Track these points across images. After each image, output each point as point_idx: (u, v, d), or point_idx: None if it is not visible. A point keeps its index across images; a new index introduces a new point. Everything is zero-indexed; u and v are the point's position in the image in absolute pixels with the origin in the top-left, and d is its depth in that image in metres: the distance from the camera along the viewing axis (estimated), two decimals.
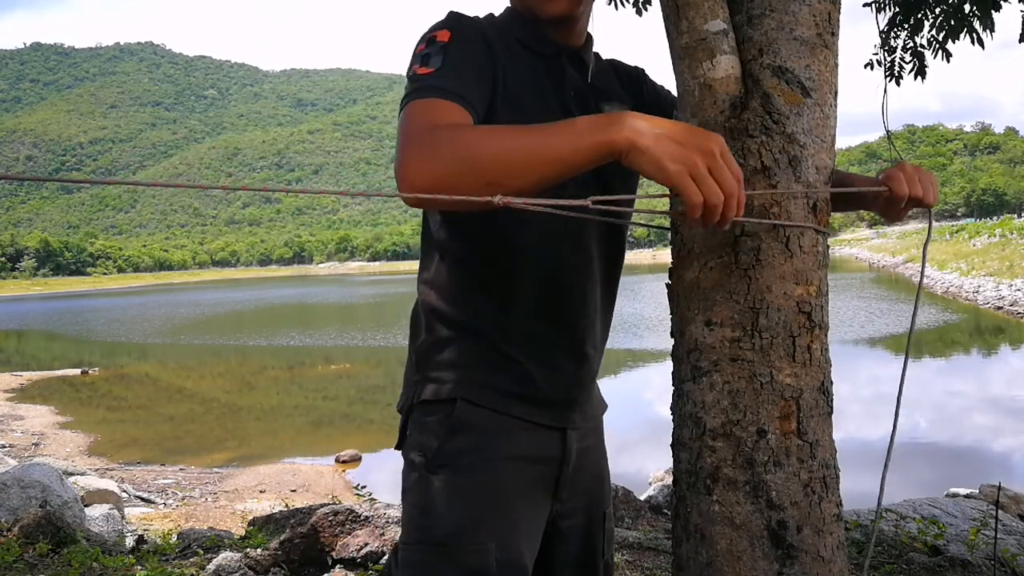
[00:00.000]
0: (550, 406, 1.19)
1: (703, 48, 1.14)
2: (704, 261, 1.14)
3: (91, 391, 17.40)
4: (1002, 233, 33.62)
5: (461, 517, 1.09)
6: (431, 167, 0.91)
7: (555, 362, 1.19)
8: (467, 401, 1.13)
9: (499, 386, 1.15)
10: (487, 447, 1.12)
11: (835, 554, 1.13)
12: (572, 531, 1.25)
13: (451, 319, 1.17)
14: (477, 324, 1.16)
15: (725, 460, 1.11)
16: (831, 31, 1.19)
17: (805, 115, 1.14)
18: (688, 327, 1.17)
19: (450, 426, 1.12)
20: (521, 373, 1.16)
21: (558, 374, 1.20)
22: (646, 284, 33.23)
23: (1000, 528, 3.49)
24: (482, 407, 1.13)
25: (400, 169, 0.93)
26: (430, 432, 1.13)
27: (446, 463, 1.11)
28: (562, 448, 1.20)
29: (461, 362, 1.15)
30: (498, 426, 1.13)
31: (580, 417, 1.24)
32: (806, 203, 1.13)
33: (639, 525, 4.37)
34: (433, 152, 0.92)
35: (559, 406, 1.20)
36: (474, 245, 1.18)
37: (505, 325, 1.16)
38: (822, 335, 1.15)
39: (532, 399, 1.16)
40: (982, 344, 16.56)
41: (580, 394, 1.24)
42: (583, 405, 1.25)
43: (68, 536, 3.95)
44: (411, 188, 0.91)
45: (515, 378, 1.16)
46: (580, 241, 1.21)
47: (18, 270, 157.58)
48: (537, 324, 1.18)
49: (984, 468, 7.60)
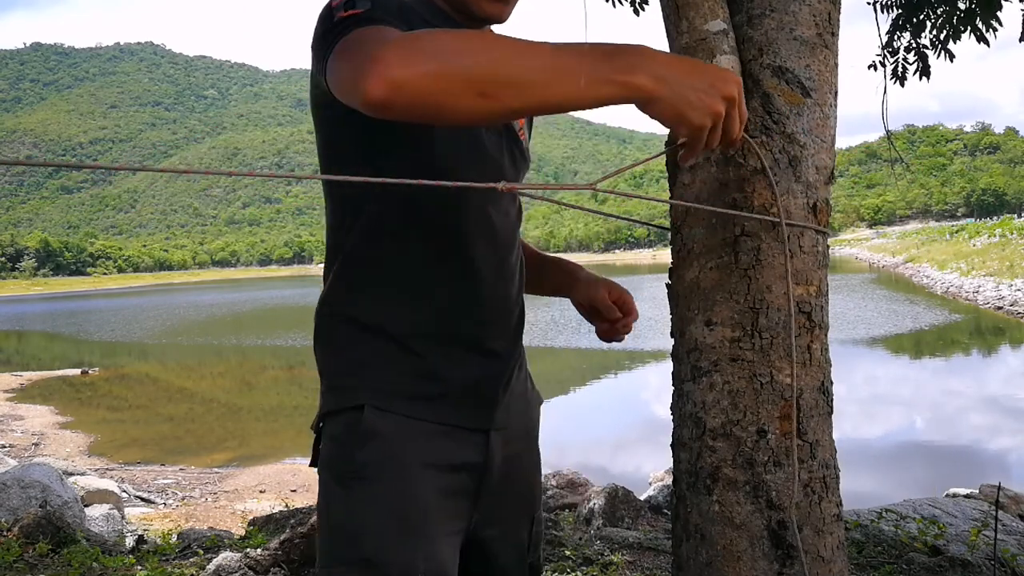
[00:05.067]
0: (467, 406, 1.07)
1: (703, 48, 1.14)
2: (704, 261, 1.14)
3: (91, 391, 17.40)
4: (1002, 233, 33.62)
5: (383, 531, 0.99)
6: (414, 61, 0.78)
7: (468, 358, 1.08)
8: (375, 407, 1.01)
9: (408, 388, 1.04)
10: (401, 455, 1.01)
11: (835, 554, 1.13)
12: (494, 541, 1.15)
13: (352, 318, 1.06)
14: (381, 321, 1.05)
15: (725, 460, 1.11)
16: (831, 31, 1.19)
17: (805, 115, 1.14)
18: (688, 327, 1.17)
19: (360, 435, 1.01)
20: (431, 372, 1.05)
21: (472, 370, 1.08)
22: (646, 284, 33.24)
23: (1000, 528, 3.49)
24: (391, 412, 1.02)
25: (370, 65, 0.79)
26: (339, 444, 1.03)
27: (359, 475, 1.00)
28: (484, 453, 1.08)
29: (365, 365, 1.04)
30: (410, 432, 1.02)
31: (504, 416, 1.12)
32: (806, 203, 1.13)
33: (639, 525, 4.37)
34: (416, 49, 0.79)
35: (477, 405, 1.09)
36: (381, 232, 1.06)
37: (412, 320, 1.05)
38: (822, 335, 1.15)
39: (445, 400, 1.05)
40: (982, 344, 16.56)
41: (500, 391, 1.12)
42: (507, 403, 1.13)
43: (68, 536, 3.94)
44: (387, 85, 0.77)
45: (426, 378, 1.05)
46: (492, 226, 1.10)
47: (18, 270, 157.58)
48: (447, 318, 1.07)
49: (984, 468, 7.60)
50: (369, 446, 1.00)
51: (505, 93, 0.80)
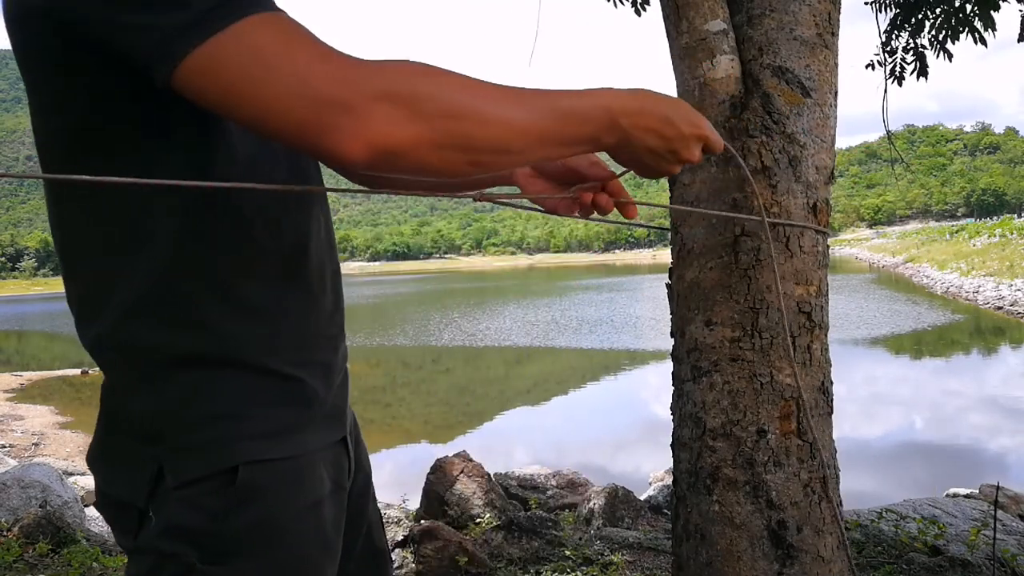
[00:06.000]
0: (334, 416, 0.92)
1: (703, 48, 1.14)
2: (704, 261, 1.14)
3: (91, 391, 17.38)
4: (1002, 233, 33.62)
5: None
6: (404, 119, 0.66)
7: (327, 361, 0.92)
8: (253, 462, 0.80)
9: (286, 421, 0.84)
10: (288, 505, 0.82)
11: (835, 554, 1.13)
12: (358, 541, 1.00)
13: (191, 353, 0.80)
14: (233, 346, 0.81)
15: (725, 460, 1.11)
16: (831, 31, 1.19)
17: (805, 115, 1.14)
18: (688, 327, 1.17)
19: (233, 499, 0.78)
20: (302, 390, 0.86)
21: (333, 374, 0.93)
22: (646, 284, 33.22)
23: (1000, 528, 3.49)
24: (273, 461, 0.81)
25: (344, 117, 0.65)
26: (200, 511, 0.78)
27: (233, 549, 0.79)
28: (347, 458, 0.94)
29: (227, 411, 0.80)
30: (296, 473, 0.83)
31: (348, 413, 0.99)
32: (806, 203, 1.13)
33: (639, 525, 4.37)
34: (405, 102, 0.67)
35: (340, 412, 0.94)
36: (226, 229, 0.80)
37: (271, 334, 0.84)
38: (822, 335, 1.15)
39: (320, 417, 0.88)
40: (982, 344, 16.55)
41: (346, 388, 0.99)
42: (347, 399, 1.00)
43: (68, 536, 3.94)
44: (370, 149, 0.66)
45: (299, 400, 0.86)
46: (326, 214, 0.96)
47: (18, 270, 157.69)
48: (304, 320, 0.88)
49: (984, 468, 7.60)
50: (249, 509, 0.79)
51: (494, 161, 0.74)
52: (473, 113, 0.70)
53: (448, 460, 4.45)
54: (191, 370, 0.80)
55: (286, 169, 0.86)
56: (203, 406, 0.80)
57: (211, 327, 0.80)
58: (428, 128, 0.67)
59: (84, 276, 0.81)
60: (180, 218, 0.77)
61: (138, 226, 0.77)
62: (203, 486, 0.79)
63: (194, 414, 0.80)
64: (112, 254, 0.78)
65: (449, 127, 0.69)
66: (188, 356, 0.80)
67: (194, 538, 0.78)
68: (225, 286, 0.81)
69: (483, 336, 19.75)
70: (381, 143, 0.66)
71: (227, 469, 0.79)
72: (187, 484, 0.78)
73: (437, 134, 0.68)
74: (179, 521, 0.78)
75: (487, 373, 15.95)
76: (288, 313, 0.86)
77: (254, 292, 0.83)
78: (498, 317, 25.01)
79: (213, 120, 0.76)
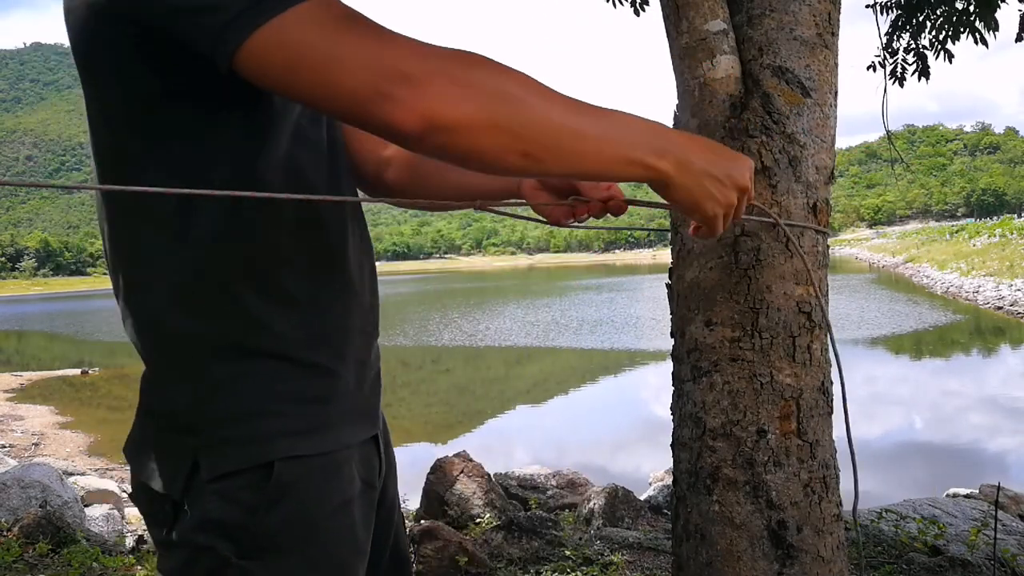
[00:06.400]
0: (366, 412, 0.93)
1: (703, 48, 1.14)
2: (704, 261, 1.14)
3: (91, 391, 17.39)
4: (1002, 233, 33.62)
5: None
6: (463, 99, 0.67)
7: (362, 357, 0.92)
8: (288, 458, 0.80)
9: (321, 417, 0.84)
10: (322, 502, 0.83)
11: (835, 554, 1.13)
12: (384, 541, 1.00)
13: (231, 343, 0.81)
14: (272, 337, 0.82)
15: (725, 460, 1.11)
16: (831, 31, 1.19)
17: (805, 115, 1.14)
18: (688, 327, 1.17)
19: (269, 494, 0.79)
20: (337, 385, 0.86)
21: (367, 370, 0.93)
22: (646, 284, 33.21)
23: (1000, 528, 3.49)
24: (309, 457, 0.82)
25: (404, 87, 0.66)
26: (236, 505, 0.78)
27: (268, 545, 0.79)
28: (378, 458, 0.94)
29: (263, 405, 0.81)
30: (330, 469, 0.84)
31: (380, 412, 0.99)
32: (806, 203, 1.14)
33: (639, 525, 4.37)
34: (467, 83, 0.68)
35: (373, 409, 0.95)
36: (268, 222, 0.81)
37: (310, 326, 0.84)
38: (822, 335, 1.15)
39: (354, 413, 0.89)
40: (982, 344, 16.55)
41: (379, 386, 0.98)
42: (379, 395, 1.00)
43: (68, 536, 3.94)
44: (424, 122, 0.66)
45: (334, 395, 0.86)
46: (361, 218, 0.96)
47: (18, 270, 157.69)
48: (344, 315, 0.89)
49: (984, 468, 7.60)
50: (283, 505, 0.80)
51: (547, 158, 0.73)
52: (530, 104, 0.71)
53: (448, 460, 4.45)
54: (230, 361, 0.81)
55: (327, 175, 0.87)
56: (240, 399, 0.81)
57: (252, 317, 0.81)
58: (484, 109, 0.68)
59: (130, 268, 0.83)
60: (223, 210, 0.78)
61: (183, 217, 0.78)
62: (238, 480, 0.79)
63: (231, 407, 0.81)
64: (157, 244, 0.80)
65: (505, 111, 0.69)
66: (228, 346, 0.81)
67: (230, 532, 0.78)
68: (265, 277, 0.82)
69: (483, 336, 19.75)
70: (436, 117, 0.66)
71: (263, 464, 0.79)
72: (222, 477, 0.79)
73: (493, 116, 0.69)
74: (215, 515, 0.78)
75: (487, 373, 15.95)
76: (328, 307, 0.86)
77: (294, 284, 0.83)
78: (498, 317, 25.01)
79: (260, 123, 0.79)
